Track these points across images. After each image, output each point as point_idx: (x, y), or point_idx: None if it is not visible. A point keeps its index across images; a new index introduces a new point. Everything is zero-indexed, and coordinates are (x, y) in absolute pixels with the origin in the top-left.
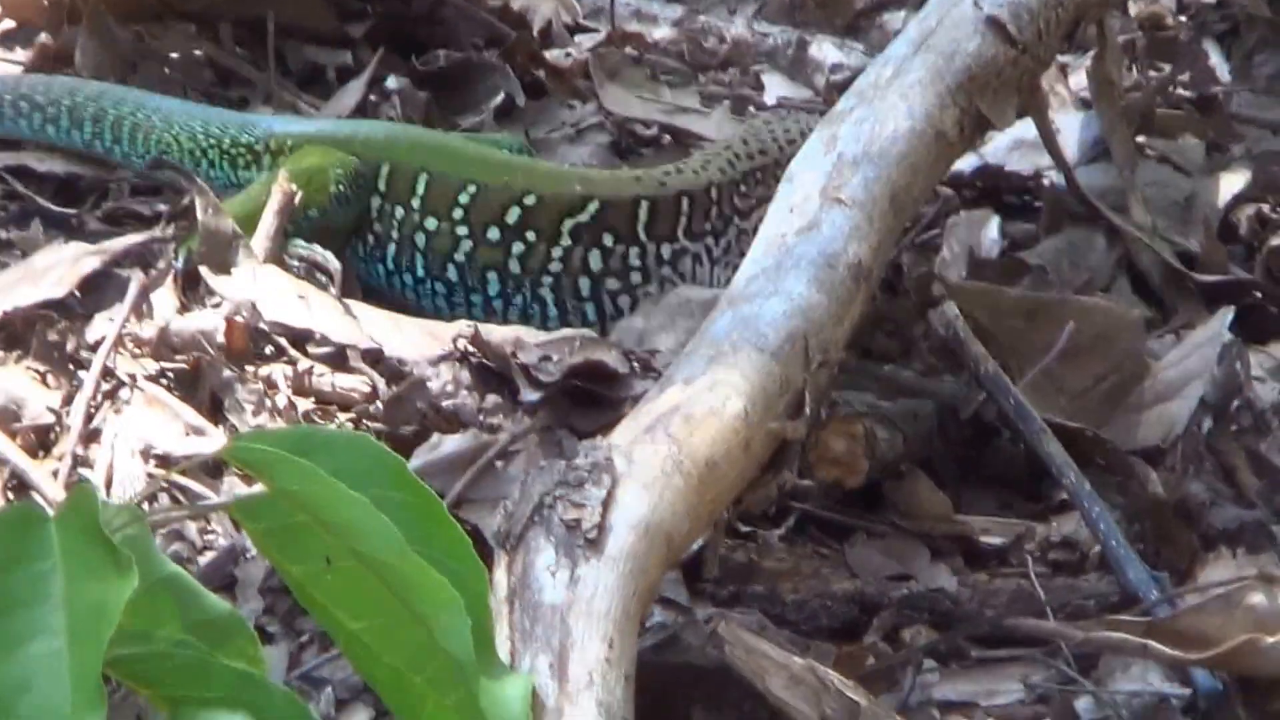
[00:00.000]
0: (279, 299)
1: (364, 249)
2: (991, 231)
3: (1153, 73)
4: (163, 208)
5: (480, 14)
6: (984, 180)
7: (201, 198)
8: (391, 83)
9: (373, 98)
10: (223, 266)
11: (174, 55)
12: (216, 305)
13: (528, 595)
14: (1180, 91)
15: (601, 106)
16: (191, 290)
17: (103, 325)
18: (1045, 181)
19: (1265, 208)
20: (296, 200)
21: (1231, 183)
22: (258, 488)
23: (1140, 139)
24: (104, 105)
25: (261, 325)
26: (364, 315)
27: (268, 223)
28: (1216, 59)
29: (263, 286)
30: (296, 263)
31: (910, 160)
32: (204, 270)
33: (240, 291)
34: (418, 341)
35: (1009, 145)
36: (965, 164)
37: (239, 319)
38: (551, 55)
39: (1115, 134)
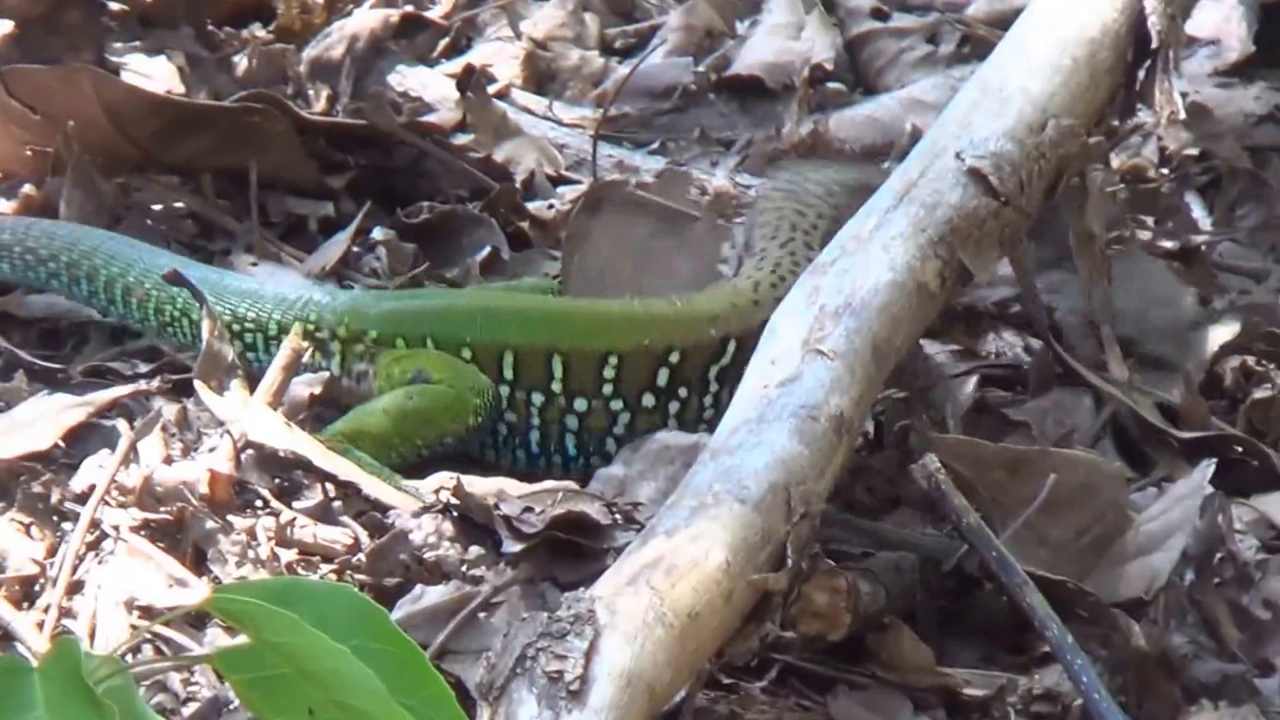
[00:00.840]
0: (265, 424)
1: (495, 440)
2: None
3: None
4: (143, 367)
5: (463, 165)
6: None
7: (209, 319)
8: (377, 234)
9: (355, 249)
10: (217, 389)
11: (157, 207)
12: (204, 439)
13: None
14: (1163, 243)
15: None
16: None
17: (88, 476)
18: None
19: (1250, 360)
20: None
21: (1218, 334)
22: (241, 639)
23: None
24: (132, 276)
25: (245, 477)
26: (343, 462)
27: (272, 378)
28: (1199, 211)
29: (251, 412)
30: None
31: (892, 312)
32: (198, 384)
33: (229, 413)
34: (397, 491)
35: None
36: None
37: (222, 468)
38: (534, 206)
39: (1095, 288)
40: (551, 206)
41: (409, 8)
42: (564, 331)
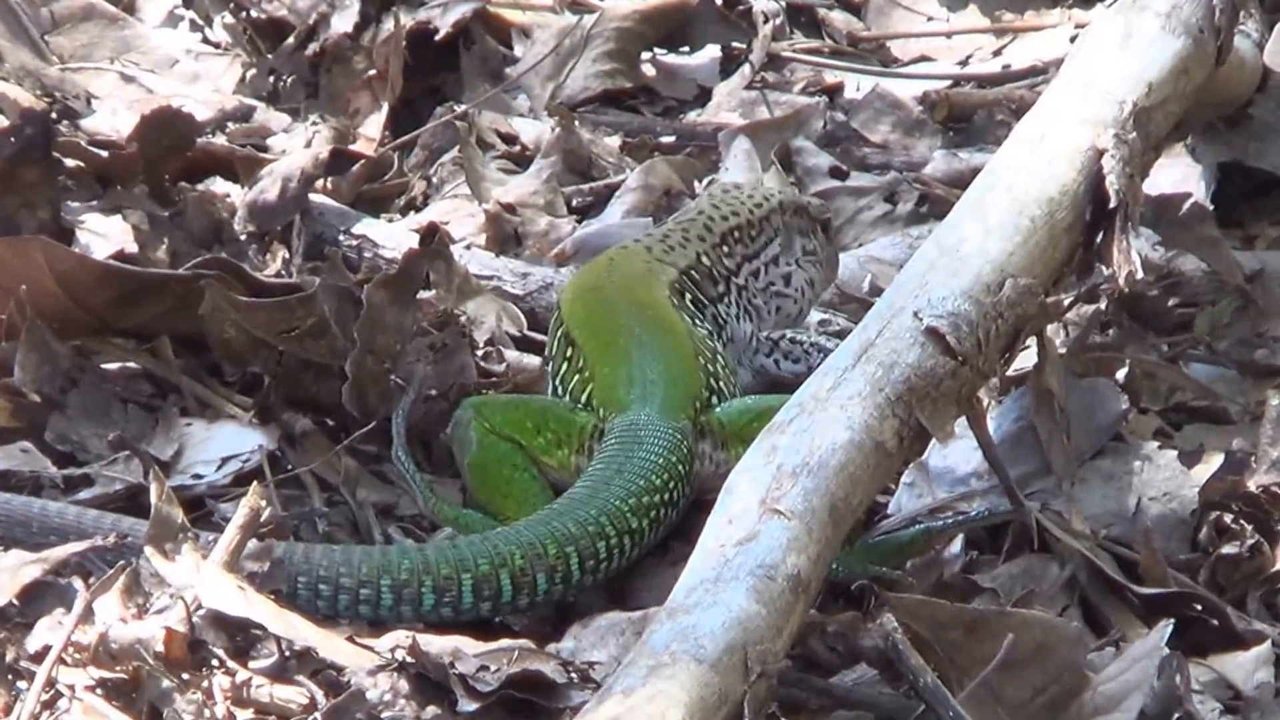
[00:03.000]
0: (219, 590)
1: None
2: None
3: None
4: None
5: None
6: None
7: (157, 483)
8: None
9: None
10: (168, 554)
11: (112, 368)
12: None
13: None
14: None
15: None
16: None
17: (43, 634)
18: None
19: (1228, 516)
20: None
21: (1199, 474)
22: None
23: None
24: None
25: (201, 636)
26: (298, 623)
27: (229, 538)
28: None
29: (204, 576)
30: None
31: (850, 471)
32: (149, 550)
33: (181, 578)
34: (353, 650)
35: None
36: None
37: (177, 627)
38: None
39: (1055, 445)
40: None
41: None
42: None
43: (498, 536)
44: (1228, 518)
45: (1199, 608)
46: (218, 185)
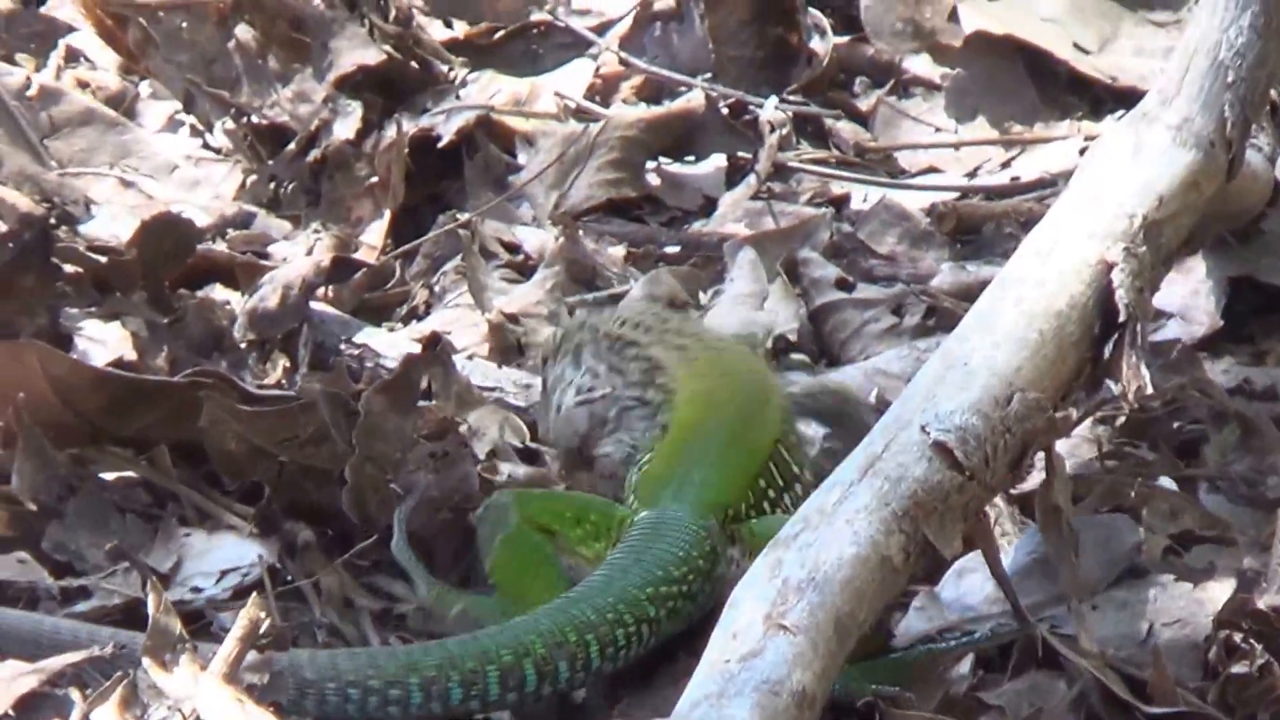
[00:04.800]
0: (217, 702)
1: None
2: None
3: None
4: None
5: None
6: None
7: (155, 595)
8: None
9: None
10: (167, 665)
11: (110, 477)
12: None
13: None
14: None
15: None
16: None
17: None
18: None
19: (1237, 635)
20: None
21: (1212, 598)
22: None
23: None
24: None
25: None
26: None
27: (229, 650)
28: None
29: (202, 688)
30: None
31: (856, 586)
32: (147, 661)
33: (180, 690)
34: None
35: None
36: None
37: None
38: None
39: (1063, 562)
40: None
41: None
42: None
43: (517, 627)
44: (1237, 637)
45: None
46: (217, 292)
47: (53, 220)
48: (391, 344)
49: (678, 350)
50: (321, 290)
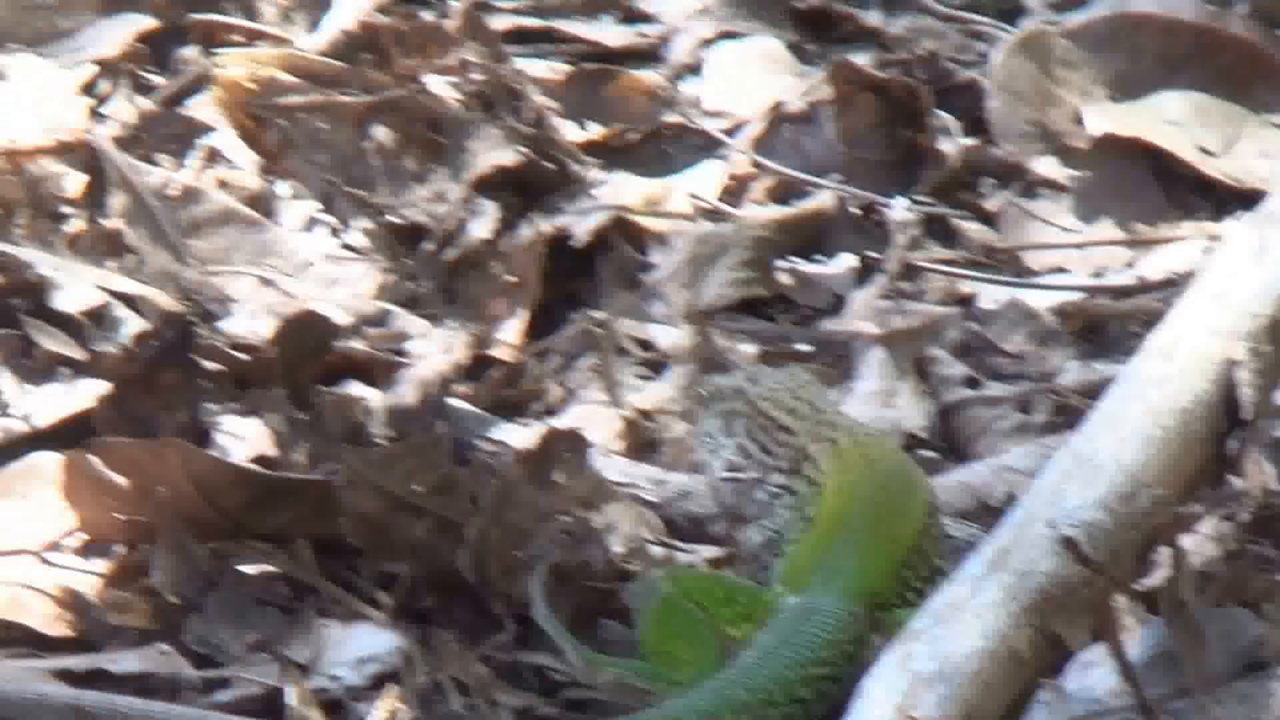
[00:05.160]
0: None
1: None
2: None
3: None
4: None
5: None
6: None
7: (295, 686)
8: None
9: None
10: None
11: (251, 571)
12: None
13: None
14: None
15: None
16: None
17: None
18: None
19: None
20: None
21: None
22: None
23: None
24: None
25: None
26: None
27: None
28: None
29: None
30: None
31: (984, 680)
32: None
33: None
34: None
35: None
36: None
37: None
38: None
39: (1188, 656)
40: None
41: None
42: None
43: (672, 708)
44: None
45: None
46: (355, 389)
47: (193, 318)
48: (526, 440)
49: (828, 442)
50: (458, 387)
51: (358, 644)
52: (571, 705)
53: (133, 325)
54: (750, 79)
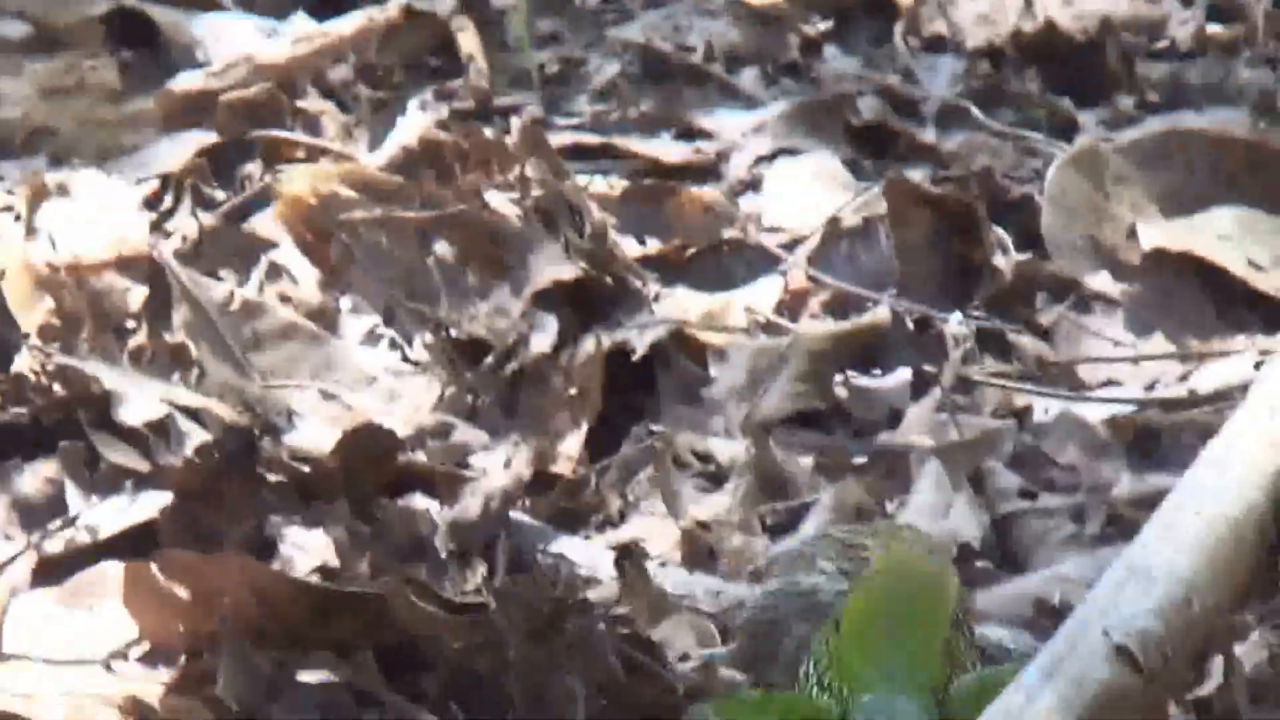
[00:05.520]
0: None
1: None
2: None
3: None
4: None
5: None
6: None
7: None
8: None
9: None
10: None
11: (313, 681)
12: None
13: None
14: None
15: None
16: None
17: None
18: None
19: None
20: None
21: None
22: None
23: None
24: None
25: None
26: None
27: None
28: None
29: None
30: None
31: None
32: None
33: None
34: None
35: None
36: None
37: None
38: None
39: None
40: None
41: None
42: None
43: None
44: None
45: None
46: (418, 501)
47: (256, 431)
48: (587, 553)
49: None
50: (520, 500)
51: None
52: None
53: (196, 437)
54: (807, 195)
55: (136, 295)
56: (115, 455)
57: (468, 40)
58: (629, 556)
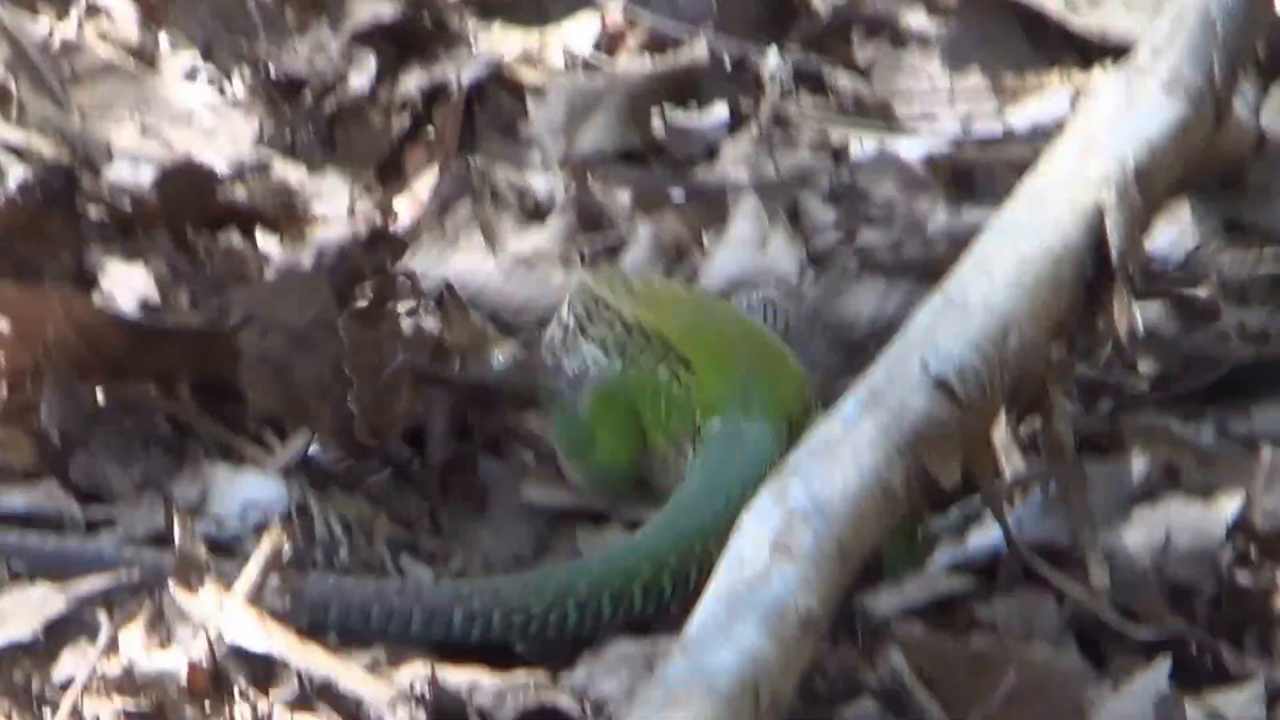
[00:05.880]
0: (242, 625)
1: None
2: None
3: None
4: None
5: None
6: None
7: (181, 519)
8: None
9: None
10: (192, 588)
11: (133, 411)
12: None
13: None
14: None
15: None
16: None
17: (69, 665)
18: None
19: (1250, 548)
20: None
21: (1223, 512)
22: None
23: None
24: None
25: (224, 668)
26: (319, 656)
27: (252, 574)
28: None
29: (227, 612)
30: None
31: (859, 514)
32: (173, 584)
33: (204, 612)
34: (373, 681)
35: None
36: None
37: (201, 660)
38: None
39: (1072, 494)
40: None
41: (376, 217)
42: None
43: (642, 541)
44: (1251, 551)
45: (1194, 646)
46: (245, 238)
47: (76, 166)
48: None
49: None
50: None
51: (244, 489)
52: (452, 534)
53: (17, 173)
54: None
55: None
56: None
57: None
58: (448, 291)
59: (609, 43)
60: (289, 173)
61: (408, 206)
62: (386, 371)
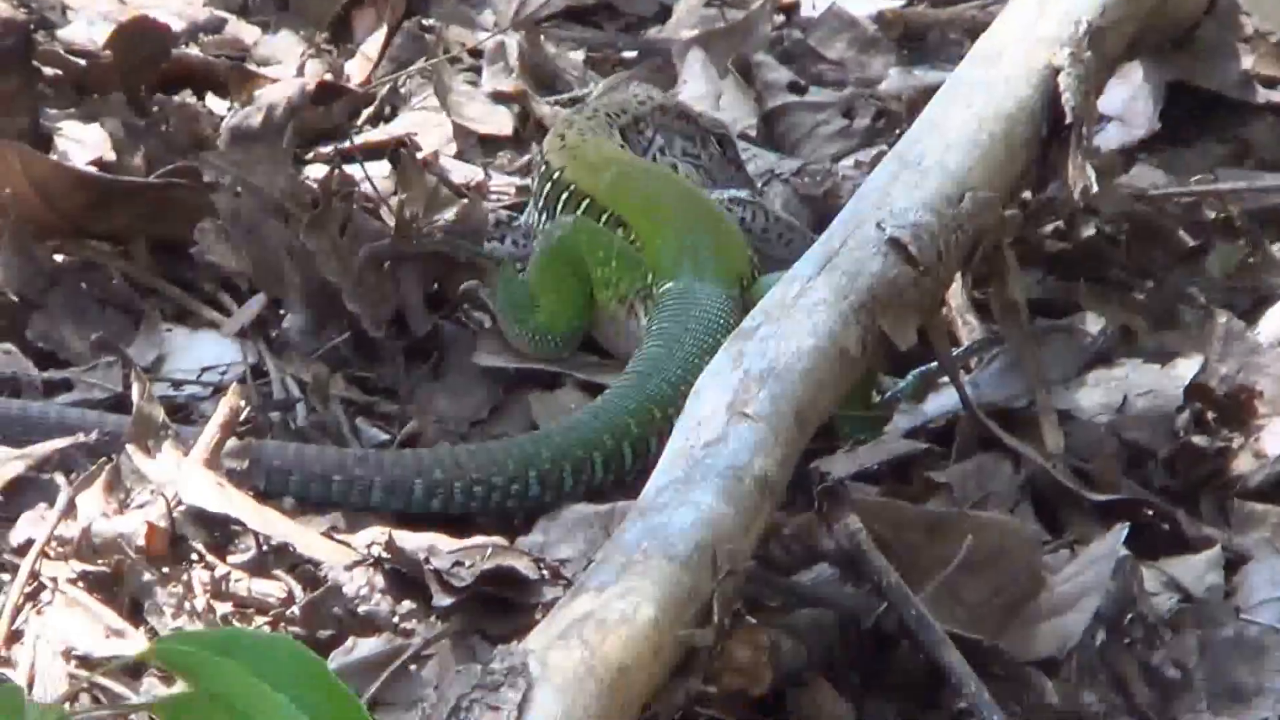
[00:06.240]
0: (199, 486)
1: None
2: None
3: None
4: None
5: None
6: None
7: (139, 382)
8: None
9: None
10: (150, 451)
11: (91, 271)
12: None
13: None
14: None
15: None
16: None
17: (26, 528)
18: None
19: (1207, 411)
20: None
21: (1180, 374)
22: (179, 688)
23: None
24: None
25: (181, 531)
26: (276, 519)
27: (209, 436)
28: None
29: (184, 473)
30: None
31: (815, 377)
32: (130, 447)
33: (162, 475)
34: (330, 545)
35: None
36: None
37: (158, 522)
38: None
39: (1026, 357)
40: None
41: (327, 75)
42: None
43: (609, 406)
44: (1209, 414)
45: (1150, 513)
46: (199, 97)
47: (31, 25)
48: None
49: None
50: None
51: (201, 351)
52: (407, 398)
53: None
54: None
55: None
56: None
57: None
58: (402, 151)
59: None
60: (242, 32)
61: (358, 67)
62: (358, 264)
